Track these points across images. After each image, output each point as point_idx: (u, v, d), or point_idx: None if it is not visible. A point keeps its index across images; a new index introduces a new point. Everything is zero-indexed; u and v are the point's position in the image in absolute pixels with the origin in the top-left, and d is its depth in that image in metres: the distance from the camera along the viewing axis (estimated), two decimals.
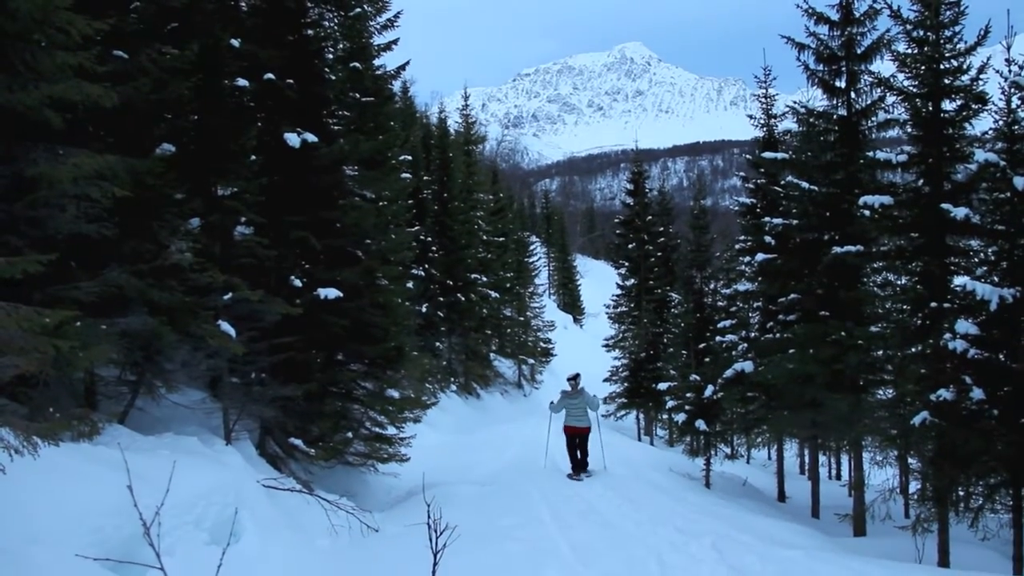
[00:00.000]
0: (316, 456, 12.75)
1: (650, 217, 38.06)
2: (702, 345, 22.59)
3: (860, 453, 15.93)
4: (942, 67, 12.50)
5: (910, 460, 15.97)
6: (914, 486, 16.00)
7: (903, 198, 12.94)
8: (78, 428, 7.02)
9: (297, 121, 12.63)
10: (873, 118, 15.60)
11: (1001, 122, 11.88)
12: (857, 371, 14.65)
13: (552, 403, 16.41)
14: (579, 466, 15.45)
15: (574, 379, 15.88)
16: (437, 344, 33.64)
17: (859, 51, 15.76)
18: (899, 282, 13.79)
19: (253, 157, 11.30)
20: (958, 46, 12.48)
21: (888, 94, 14.77)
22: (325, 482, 13.08)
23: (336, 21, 14.77)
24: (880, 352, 13.77)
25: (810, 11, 16.00)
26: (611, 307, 40.37)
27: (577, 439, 15.51)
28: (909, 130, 13.15)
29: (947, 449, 11.82)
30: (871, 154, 13.51)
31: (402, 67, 20.54)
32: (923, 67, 12.63)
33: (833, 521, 15.96)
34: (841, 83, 15.98)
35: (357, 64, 14.98)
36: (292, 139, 12.17)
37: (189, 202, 9.74)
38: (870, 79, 15.41)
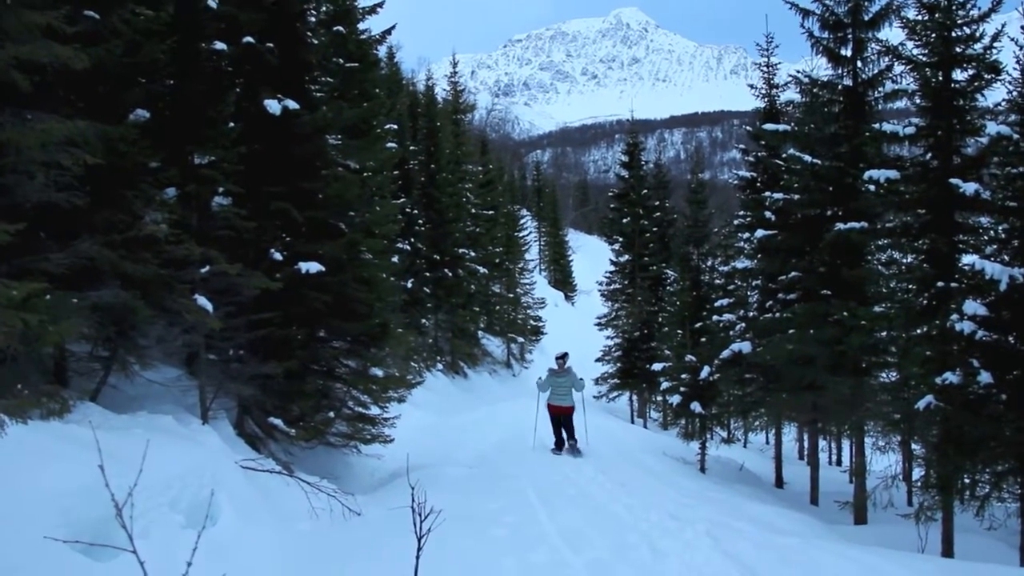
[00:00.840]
0: (296, 436, 12.75)
1: (645, 191, 38.03)
2: (698, 324, 22.68)
3: (862, 438, 16.02)
4: (953, 35, 12.44)
5: (914, 446, 16.09)
6: (918, 473, 16.07)
7: (910, 172, 12.94)
8: (47, 405, 7.00)
9: (278, 87, 12.52)
10: (880, 88, 15.56)
11: (1015, 93, 11.88)
12: (859, 353, 14.70)
13: (540, 379, 16.86)
14: (561, 443, 16.12)
15: (562, 358, 16.43)
16: (423, 321, 33.62)
17: (866, 17, 15.70)
18: (905, 260, 13.81)
19: (231, 124, 11.19)
20: (971, 12, 12.40)
21: (896, 63, 14.75)
22: (306, 463, 13.10)
23: None
24: (884, 333, 13.81)
25: None
26: (604, 284, 40.40)
27: (561, 418, 16.09)
28: (917, 101, 13.11)
29: (952, 435, 11.89)
30: (877, 126, 13.48)
31: (388, 31, 20.41)
32: (933, 35, 12.57)
33: (833, 508, 16.07)
34: (847, 51, 15.94)
35: (341, 28, 14.89)
36: (272, 106, 12.07)
37: (164, 171, 9.65)
38: (877, 47, 15.38)
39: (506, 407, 24.39)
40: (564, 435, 16.20)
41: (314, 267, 12.37)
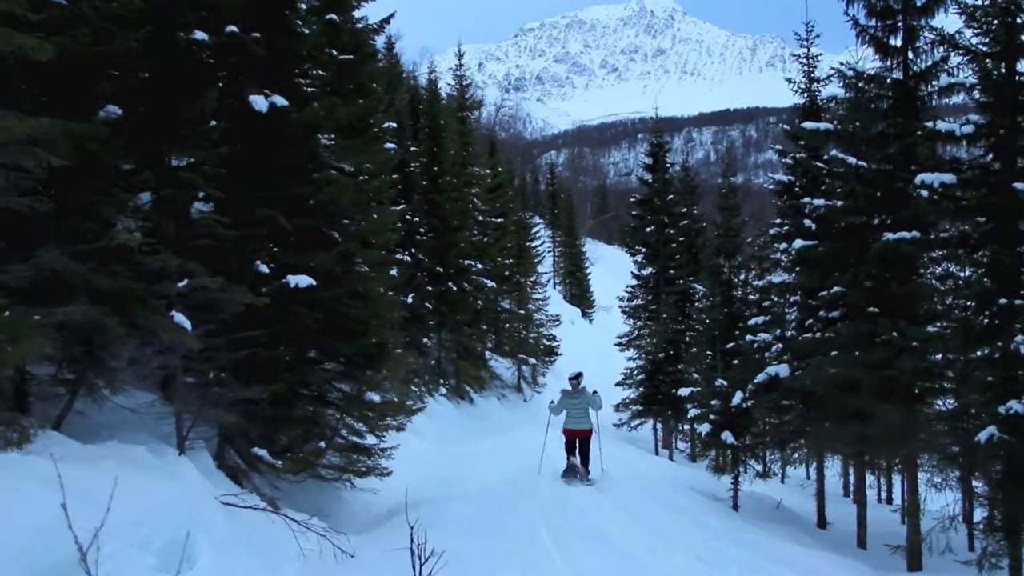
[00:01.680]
0: (283, 469, 12.72)
1: (671, 196, 37.95)
2: (730, 345, 22.57)
3: (915, 473, 15.88)
4: (1018, 21, 12.38)
5: (975, 483, 15.92)
6: (980, 514, 15.91)
7: (968, 176, 12.87)
8: (5, 435, 6.98)
9: (264, 81, 12.54)
10: (934, 82, 15.45)
11: None
12: (911, 377, 14.59)
13: (552, 403, 17.30)
14: (574, 466, 16.44)
15: (576, 378, 16.95)
16: (424, 340, 33.60)
17: (919, 3, 15.62)
18: (962, 274, 13.72)
19: (213, 123, 11.21)
20: None
21: (952, 53, 14.64)
22: (294, 499, 13.06)
23: None
24: (939, 356, 13.71)
25: None
26: (625, 300, 40.33)
27: (577, 441, 16.52)
28: (977, 96, 13.05)
29: (1018, 471, 11.77)
30: (931, 124, 13.43)
31: (386, 20, 20.48)
32: (995, 21, 12.51)
33: (883, 553, 15.92)
34: (896, 41, 15.86)
35: (334, 16, 14.88)
36: (258, 102, 12.08)
37: (138, 174, 9.68)
38: (931, 36, 15.27)
39: (517, 436, 24.34)
40: (578, 460, 16.49)
41: (304, 281, 12.36)
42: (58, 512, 3.43)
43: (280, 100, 12.29)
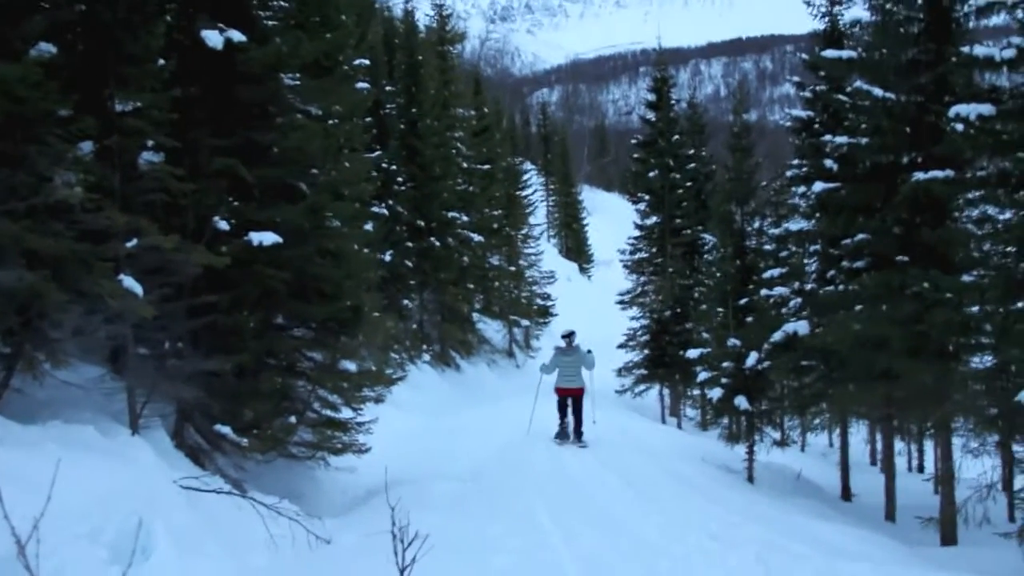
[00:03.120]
0: (249, 447, 12.71)
1: (677, 136, 37.92)
2: (743, 301, 22.59)
3: (949, 438, 15.96)
4: None
5: (1015, 448, 16.00)
6: (1021, 481, 16.01)
7: (1009, 107, 12.79)
8: None
9: (218, 14, 12.36)
10: (970, 2, 15.36)
11: None
12: (945, 333, 14.60)
13: (544, 365, 18.23)
14: (566, 429, 17.53)
15: (568, 336, 17.81)
16: (405, 302, 33.65)
17: None
18: (1001, 217, 13.68)
19: (162, 61, 11.08)
20: None
21: None
22: (262, 480, 13.08)
23: None
24: (976, 308, 13.72)
25: None
26: (627, 253, 40.38)
27: (570, 400, 17.44)
28: (1019, 15, 12.93)
29: None
30: (967, 49, 13.32)
31: None
32: None
33: (914, 526, 16.04)
34: None
35: None
36: (212, 38, 11.92)
37: (77, 120, 9.53)
38: None
39: (509, 406, 24.44)
40: (571, 422, 17.40)
41: (269, 238, 12.26)
42: None
43: (237, 35, 12.12)
